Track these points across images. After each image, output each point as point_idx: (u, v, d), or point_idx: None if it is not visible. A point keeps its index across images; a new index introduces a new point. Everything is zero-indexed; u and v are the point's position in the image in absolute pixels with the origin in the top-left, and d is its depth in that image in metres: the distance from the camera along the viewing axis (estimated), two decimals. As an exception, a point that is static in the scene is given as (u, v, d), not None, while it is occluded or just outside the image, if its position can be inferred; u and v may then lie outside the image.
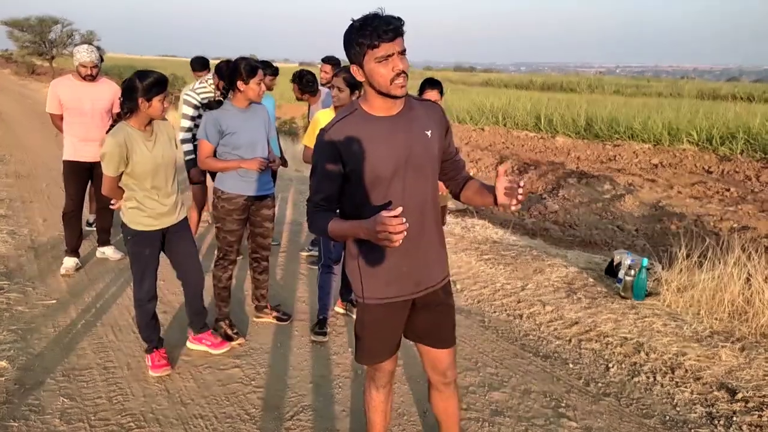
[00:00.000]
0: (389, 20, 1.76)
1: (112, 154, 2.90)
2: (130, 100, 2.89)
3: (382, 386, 2.24)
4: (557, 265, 4.95)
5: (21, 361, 3.33)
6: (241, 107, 3.45)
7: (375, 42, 1.76)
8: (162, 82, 2.92)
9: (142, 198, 3.06)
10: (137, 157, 2.96)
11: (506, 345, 3.69)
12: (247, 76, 3.34)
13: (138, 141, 2.97)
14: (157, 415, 2.87)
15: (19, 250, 5.20)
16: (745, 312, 3.90)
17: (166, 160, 3.09)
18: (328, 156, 1.92)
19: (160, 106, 2.94)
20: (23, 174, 8.44)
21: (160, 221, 3.14)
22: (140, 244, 3.12)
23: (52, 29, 39.03)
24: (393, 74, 1.80)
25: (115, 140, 2.89)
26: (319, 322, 3.79)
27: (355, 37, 1.78)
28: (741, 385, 3.14)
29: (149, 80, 2.87)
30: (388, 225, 1.62)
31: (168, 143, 3.13)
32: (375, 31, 1.74)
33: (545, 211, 9.26)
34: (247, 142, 3.45)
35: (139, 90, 2.86)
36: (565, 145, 16.02)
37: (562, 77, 48.38)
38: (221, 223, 3.53)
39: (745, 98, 29.88)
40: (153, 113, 2.95)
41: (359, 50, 1.80)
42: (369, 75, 1.83)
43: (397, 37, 1.77)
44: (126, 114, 2.96)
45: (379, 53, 1.77)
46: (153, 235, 3.14)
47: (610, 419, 2.90)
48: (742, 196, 10.18)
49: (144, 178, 3.02)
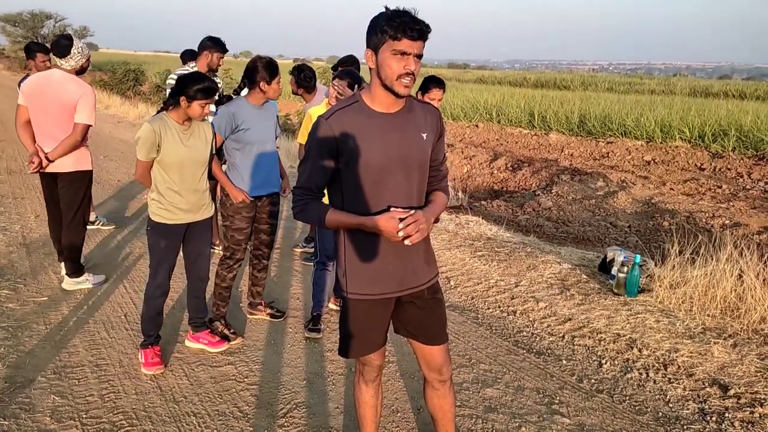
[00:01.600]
0: (418, 21, 1.80)
1: (146, 139, 3.02)
2: (174, 96, 3.04)
3: (371, 381, 2.24)
4: (551, 261, 4.96)
5: (11, 358, 3.31)
6: (256, 105, 3.48)
7: (399, 35, 1.78)
8: (209, 90, 3.04)
9: (164, 190, 3.13)
10: (168, 148, 3.06)
11: (500, 341, 3.70)
12: (270, 77, 3.40)
13: (173, 132, 3.08)
14: (150, 413, 2.86)
15: (11, 246, 5.16)
16: (737, 308, 3.92)
17: (196, 158, 3.16)
18: (324, 144, 1.92)
19: (200, 110, 3.06)
20: (15, 170, 8.38)
21: (179, 216, 3.18)
22: (157, 236, 3.18)
23: (45, 24, 38.83)
24: (403, 71, 1.81)
25: (151, 126, 3.02)
26: (313, 319, 3.78)
27: (381, 24, 1.80)
28: (733, 382, 3.16)
29: (199, 85, 3.00)
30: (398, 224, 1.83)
31: (204, 143, 3.21)
32: (402, 24, 1.77)
33: (539, 207, 9.28)
34: (259, 138, 3.48)
35: (186, 89, 2.99)
36: (558, 142, 16.06)
37: (556, 74, 48.45)
38: (230, 221, 3.53)
39: (737, 96, 30.04)
40: (191, 114, 3.08)
41: (381, 37, 1.81)
42: (380, 64, 1.84)
43: (419, 39, 1.80)
44: (170, 106, 3.09)
45: (398, 47, 1.79)
46: (171, 229, 3.18)
47: (603, 415, 2.91)
48: (733, 192, 10.23)
49: (171, 169, 3.11)
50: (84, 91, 4.05)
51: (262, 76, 3.39)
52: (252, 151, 3.48)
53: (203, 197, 3.27)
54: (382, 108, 1.93)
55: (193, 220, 3.24)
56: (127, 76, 24.50)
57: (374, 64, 1.87)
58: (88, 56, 4.23)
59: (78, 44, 4.13)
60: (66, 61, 4.08)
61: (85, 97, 4.04)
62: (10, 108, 16.47)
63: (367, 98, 1.94)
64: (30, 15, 38.79)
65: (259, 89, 3.43)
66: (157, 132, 3.02)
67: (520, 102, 21.11)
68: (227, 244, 3.59)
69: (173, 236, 3.21)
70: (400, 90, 1.85)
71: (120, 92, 22.24)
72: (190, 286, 3.43)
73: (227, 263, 3.61)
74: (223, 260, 3.62)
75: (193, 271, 3.39)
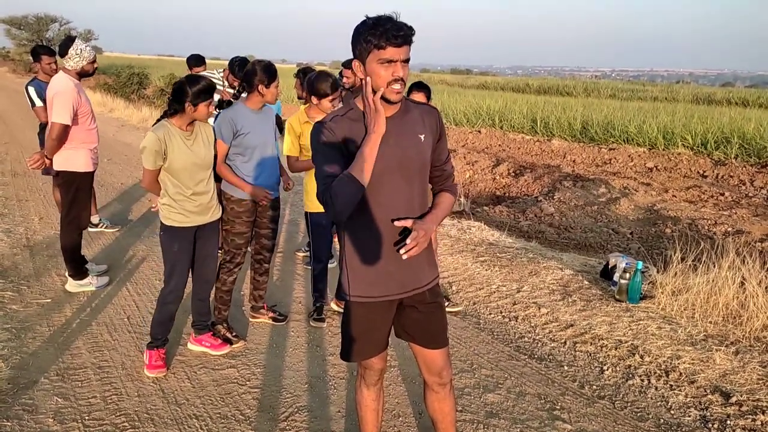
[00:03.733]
0: (401, 26, 1.78)
1: (152, 148, 3.04)
2: (179, 103, 3.05)
3: (372, 384, 2.25)
4: (553, 267, 4.97)
5: (15, 360, 3.32)
6: (254, 109, 3.48)
7: (383, 44, 1.78)
8: (210, 89, 3.08)
9: (174, 194, 3.17)
10: (174, 154, 3.09)
11: (501, 347, 3.70)
12: (269, 80, 3.41)
13: (177, 138, 3.10)
14: (152, 415, 2.87)
15: (15, 248, 5.18)
16: (740, 316, 3.92)
17: (202, 161, 3.20)
18: (330, 143, 1.92)
19: (206, 110, 3.11)
20: (19, 172, 8.41)
21: (191, 219, 3.21)
22: (170, 239, 3.21)
23: (50, 27, 39.04)
24: (391, 78, 1.82)
25: (155, 135, 3.04)
26: (317, 309, 3.85)
27: (364, 34, 1.80)
28: (735, 389, 3.15)
29: (198, 87, 3.04)
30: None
31: (207, 145, 3.24)
32: (385, 33, 1.76)
33: (541, 213, 9.28)
34: (260, 142, 3.49)
35: (188, 95, 3.02)
36: (560, 148, 16.06)
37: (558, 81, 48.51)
38: (230, 226, 3.53)
39: (739, 103, 30.03)
40: (198, 116, 3.11)
41: (366, 47, 1.82)
42: (369, 74, 1.85)
43: (404, 45, 1.79)
44: (171, 113, 3.11)
45: (383, 55, 1.79)
46: (183, 232, 3.21)
47: (605, 422, 2.91)
48: (736, 200, 10.22)
49: (179, 175, 3.14)
50: (58, 90, 4.00)
51: (260, 79, 3.39)
52: (253, 156, 3.48)
53: (211, 199, 3.30)
54: None
55: (202, 222, 3.28)
56: (131, 80, 24.60)
57: (363, 74, 1.87)
58: (90, 60, 4.15)
59: (78, 46, 4.10)
60: (65, 61, 4.11)
61: (60, 96, 3.99)
62: (15, 111, 16.53)
63: (362, 105, 1.95)
64: (35, 18, 39.02)
65: (258, 92, 3.43)
66: (162, 140, 3.04)
67: (522, 108, 21.12)
68: (228, 248, 3.59)
69: (185, 239, 3.24)
70: (392, 97, 1.86)
71: (124, 95, 22.31)
72: (196, 288, 3.44)
73: (227, 267, 3.61)
74: (224, 264, 3.62)
75: (200, 274, 3.41)
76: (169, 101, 3.12)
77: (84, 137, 4.20)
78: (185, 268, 3.28)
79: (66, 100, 4.01)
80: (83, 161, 4.24)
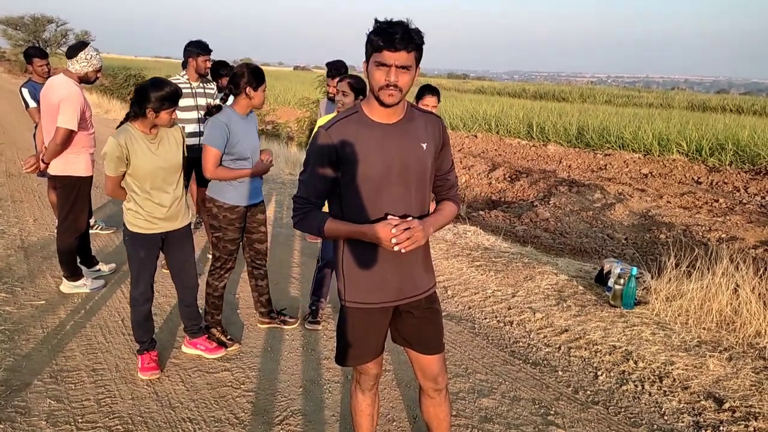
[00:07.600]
0: (402, 32, 1.78)
1: (112, 154, 2.93)
2: (140, 107, 2.93)
3: (367, 389, 2.25)
4: (548, 272, 4.98)
5: (8, 362, 3.30)
6: (242, 114, 3.43)
7: (380, 47, 1.80)
8: (174, 96, 2.96)
9: (141, 200, 3.07)
10: (138, 159, 2.98)
11: (496, 352, 3.71)
12: (257, 84, 3.36)
13: (140, 143, 3.00)
14: (146, 418, 2.86)
15: (9, 249, 5.16)
16: (733, 322, 3.94)
17: (169, 164, 3.09)
18: (324, 154, 1.94)
19: (168, 118, 2.99)
20: (14, 173, 8.38)
21: (158, 225, 3.13)
22: (135, 246, 3.12)
23: (47, 28, 38.94)
24: (383, 83, 1.83)
25: (116, 141, 2.93)
26: (312, 312, 3.83)
27: (369, 36, 1.84)
28: (728, 395, 3.17)
29: (161, 93, 2.91)
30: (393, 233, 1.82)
31: (175, 148, 3.14)
32: (383, 37, 1.78)
33: (536, 218, 9.31)
34: (252, 149, 3.45)
35: (150, 100, 2.90)
36: (556, 153, 16.12)
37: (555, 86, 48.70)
38: (222, 233, 3.46)
39: (734, 110, 30.24)
40: (160, 123, 3.01)
41: (368, 48, 1.85)
42: (368, 74, 1.88)
43: (401, 51, 1.79)
44: (132, 116, 3.00)
45: (379, 58, 1.81)
46: (149, 238, 3.14)
47: (599, 427, 2.92)
48: (730, 206, 10.28)
49: (144, 179, 3.04)
50: (66, 95, 3.98)
51: (248, 82, 3.32)
52: (246, 165, 3.42)
53: (180, 204, 3.21)
54: (380, 118, 1.94)
55: (171, 228, 3.19)
56: (128, 81, 24.59)
57: (367, 74, 1.90)
58: (96, 68, 4.11)
59: (89, 52, 4.06)
60: (71, 64, 4.08)
61: (67, 101, 3.97)
62: (10, 111, 16.47)
63: (367, 109, 1.96)
64: (32, 19, 38.89)
65: (245, 95, 3.36)
66: (123, 145, 2.93)
67: (518, 113, 21.22)
68: (218, 254, 3.52)
69: (151, 245, 3.16)
70: (386, 99, 1.86)
71: (120, 97, 22.27)
72: (180, 295, 3.38)
73: (218, 273, 3.56)
74: (214, 270, 3.56)
75: (181, 281, 3.34)
76: (131, 103, 3.00)
77: (85, 141, 4.21)
78: (152, 272, 3.20)
79: (74, 106, 4.01)
80: (84, 165, 4.24)
